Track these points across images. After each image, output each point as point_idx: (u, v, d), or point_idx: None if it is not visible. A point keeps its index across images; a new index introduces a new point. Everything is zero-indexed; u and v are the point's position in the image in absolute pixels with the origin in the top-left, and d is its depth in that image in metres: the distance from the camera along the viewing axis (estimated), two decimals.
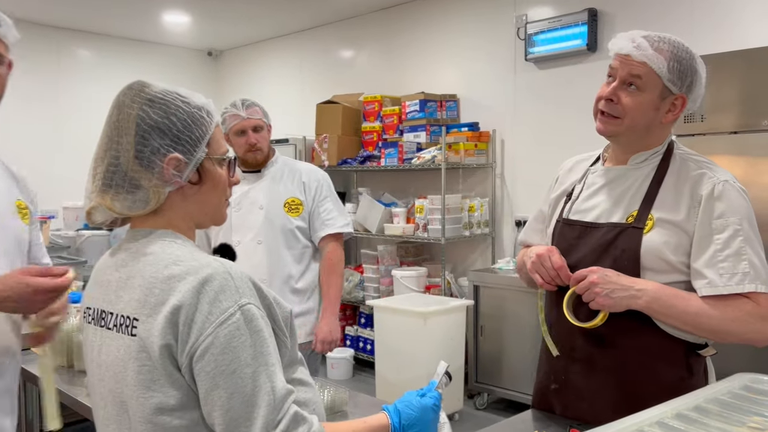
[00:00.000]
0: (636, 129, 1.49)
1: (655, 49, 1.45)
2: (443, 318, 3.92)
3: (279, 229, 2.47)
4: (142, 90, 1.07)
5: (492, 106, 4.72)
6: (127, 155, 1.04)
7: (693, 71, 1.48)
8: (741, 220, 1.42)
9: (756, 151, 2.83)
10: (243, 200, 2.50)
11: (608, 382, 1.50)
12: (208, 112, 1.10)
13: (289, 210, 2.50)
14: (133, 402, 1.00)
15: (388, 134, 4.98)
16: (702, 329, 1.42)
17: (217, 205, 1.15)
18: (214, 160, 1.11)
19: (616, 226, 1.51)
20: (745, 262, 1.39)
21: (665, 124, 1.51)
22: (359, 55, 5.73)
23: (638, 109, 1.46)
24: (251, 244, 2.46)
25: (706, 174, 1.47)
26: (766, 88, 2.81)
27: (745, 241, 1.41)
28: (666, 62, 1.44)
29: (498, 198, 4.71)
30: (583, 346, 1.53)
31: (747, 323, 1.39)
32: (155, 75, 6.63)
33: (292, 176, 2.56)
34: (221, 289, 0.97)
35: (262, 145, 2.50)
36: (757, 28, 3.45)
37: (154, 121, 1.04)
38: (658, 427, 1.10)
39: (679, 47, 1.47)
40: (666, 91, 1.46)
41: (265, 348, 0.98)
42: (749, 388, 1.26)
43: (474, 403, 4.26)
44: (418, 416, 1.16)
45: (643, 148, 1.53)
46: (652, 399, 1.38)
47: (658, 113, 1.48)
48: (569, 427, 1.48)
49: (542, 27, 4.28)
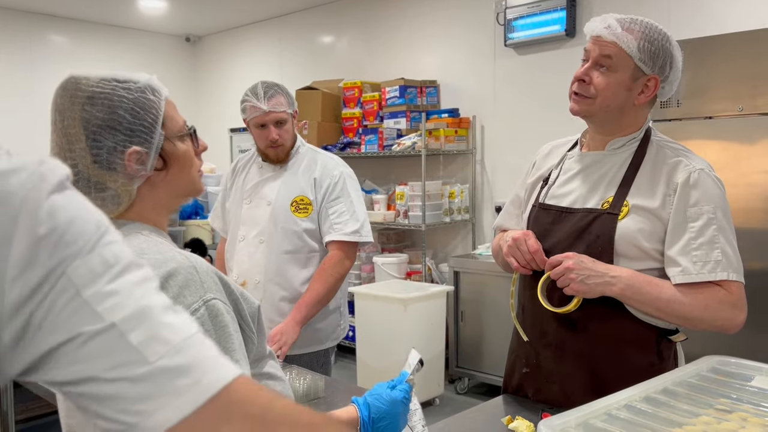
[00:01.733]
0: (608, 109, 1.49)
1: (625, 29, 1.45)
2: (424, 304, 3.93)
3: (283, 230, 2.25)
4: (77, 89, 1.00)
5: (472, 92, 4.71)
6: (85, 162, 0.99)
7: (666, 53, 1.48)
8: (715, 209, 1.43)
9: (731, 136, 2.86)
10: (254, 193, 2.33)
11: (579, 367, 1.52)
12: (153, 90, 1.03)
13: (296, 210, 2.26)
14: None
15: (368, 121, 4.96)
16: (674, 316, 1.44)
17: (190, 181, 1.11)
18: (174, 140, 1.06)
19: (591, 211, 1.51)
20: (718, 250, 1.41)
21: (638, 106, 1.51)
22: (339, 40, 5.68)
23: (609, 88, 1.47)
24: (254, 242, 2.28)
25: (683, 162, 1.47)
26: (741, 74, 2.83)
27: (718, 230, 1.42)
28: (636, 42, 1.44)
29: (478, 184, 4.72)
30: (555, 330, 1.54)
31: (718, 310, 1.41)
32: (132, 61, 6.55)
33: (308, 171, 2.30)
34: (186, 283, 0.95)
35: (285, 140, 2.27)
36: (734, 13, 3.47)
37: (102, 120, 0.98)
38: (626, 410, 1.12)
39: (651, 28, 1.47)
40: (638, 71, 1.46)
41: (230, 344, 0.96)
42: (717, 371, 1.28)
43: (455, 387, 4.30)
44: (388, 409, 1.15)
45: (618, 131, 1.53)
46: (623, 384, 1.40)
47: (630, 94, 1.48)
48: (541, 412, 1.49)
49: (521, 12, 4.27)
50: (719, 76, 2.90)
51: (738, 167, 2.83)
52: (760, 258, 2.77)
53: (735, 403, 1.15)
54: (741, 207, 2.83)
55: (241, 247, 2.32)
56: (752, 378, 1.24)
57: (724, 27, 3.28)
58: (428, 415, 1.30)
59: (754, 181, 2.79)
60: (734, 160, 2.84)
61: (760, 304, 2.77)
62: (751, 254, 2.81)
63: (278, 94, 2.27)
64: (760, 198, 2.78)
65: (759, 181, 2.78)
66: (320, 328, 2.31)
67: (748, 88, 2.81)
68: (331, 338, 2.37)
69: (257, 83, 2.31)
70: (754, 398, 1.16)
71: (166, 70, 6.69)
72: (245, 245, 2.30)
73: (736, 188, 2.84)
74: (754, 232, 2.80)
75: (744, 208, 2.82)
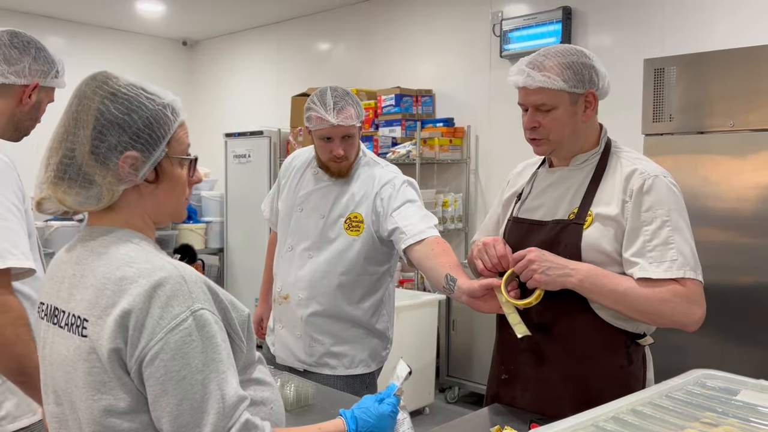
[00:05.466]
0: (563, 139, 1.59)
1: (544, 70, 1.54)
2: (415, 312, 3.94)
3: (334, 247, 2.11)
4: (105, 82, 1.03)
5: (467, 102, 4.73)
6: (83, 149, 1.01)
7: (586, 66, 1.57)
8: (669, 212, 1.50)
9: (723, 151, 2.88)
10: (307, 202, 2.18)
11: (553, 371, 1.58)
12: (174, 110, 1.06)
13: (348, 227, 2.11)
14: (82, 404, 0.99)
15: (364, 128, 4.96)
16: (632, 309, 1.49)
17: (175, 205, 1.11)
18: (173, 160, 1.07)
19: (558, 222, 1.60)
20: (673, 250, 1.47)
21: (587, 122, 1.60)
22: (336, 48, 5.70)
23: (558, 124, 1.57)
24: (303, 255, 2.15)
25: (638, 170, 1.55)
26: (734, 90, 2.86)
27: (673, 231, 1.49)
28: (558, 75, 1.54)
29: (472, 194, 4.74)
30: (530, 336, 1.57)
31: (675, 305, 1.47)
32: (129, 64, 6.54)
33: (365, 186, 2.13)
34: (174, 293, 0.95)
35: (350, 155, 2.10)
36: (727, 30, 3.51)
37: (114, 117, 1.01)
38: (614, 422, 1.12)
39: (564, 53, 1.57)
40: (573, 96, 1.56)
41: (217, 354, 0.96)
42: (703, 384, 1.29)
43: (445, 396, 4.29)
44: (375, 423, 1.15)
45: (579, 150, 1.63)
46: (595, 386, 1.51)
47: (576, 117, 1.58)
48: (530, 422, 1.50)
49: (517, 24, 4.31)
50: (712, 91, 2.92)
51: (729, 182, 2.85)
52: (752, 272, 2.79)
53: (721, 417, 1.16)
54: (732, 222, 2.85)
55: (288, 257, 2.20)
56: (738, 392, 1.25)
57: (717, 43, 3.32)
58: (418, 424, 1.30)
59: (745, 196, 2.82)
60: (726, 175, 2.86)
61: (752, 319, 2.79)
62: (743, 269, 2.83)
63: (349, 105, 2.05)
64: (751, 213, 2.81)
65: (750, 196, 2.81)
66: (365, 350, 2.19)
67: (741, 104, 2.84)
68: (374, 361, 2.23)
69: (326, 89, 2.07)
70: (740, 412, 1.17)
71: (162, 73, 6.69)
72: (291, 256, 2.18)
73: (727, 203, 2.86)
74: (745, 247, 2.82)
75: (735, 223, 2.84)
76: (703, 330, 2.94)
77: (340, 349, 2.15)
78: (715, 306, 2.88)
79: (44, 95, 1.66)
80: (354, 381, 2.17)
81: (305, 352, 2.17)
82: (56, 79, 1.68)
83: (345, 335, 2.16)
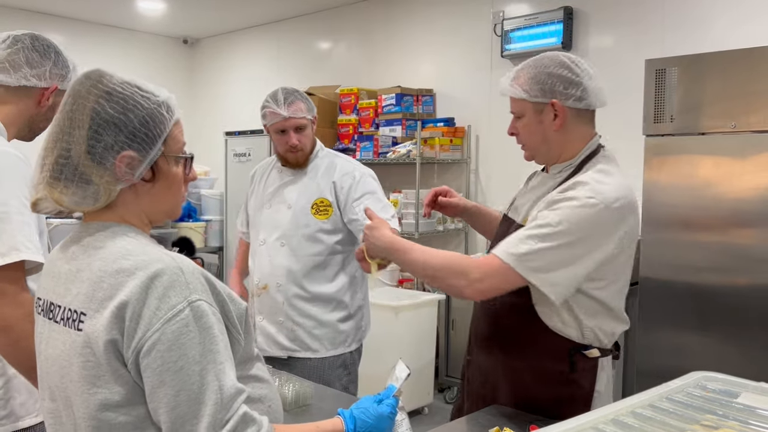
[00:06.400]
0: (536, 147, 1.67)
1: (515, 80, 1.64)
2: (415, 312, 3.93)
3: (304, 232, 2.29)
4: (99, 81, 1.03)
5: (468, 101, 4.73)
6: (79, 149, 1.00)
7: (551, 76, 1.59)
8: (560, 221, 1.47)
9: (724, 152, 2.88)
10: (275, 197, 2.38)
11: (501, 367, 1.68)
12: (169, 107, 1.06)
13: (316, 212, 2.30)
14: (77, 398, 0.98)
15: (364, 127, 4.97)
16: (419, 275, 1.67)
17: (172, 203, 1.12)
18: (169, 159, 1.08)
19: (516, 225, 1.68)
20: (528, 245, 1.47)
21: (558, 131, 1.62)
22: (337, 47, 5.70)
23: (525, 131, 1.66)
24: (275, 245, 2.32)
25: (581, 182, 1.53)
26: (735, 91, 2.85)
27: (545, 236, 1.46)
28: (523, 85, 1.61)
29: (472, 193, 4.73)
30: (483, 332, 1.75)
31: (449, 275, 1.54)
32: (129, 62, 6.54)
33: (327, 174, 2.35)
34: (171, 284, 0.95)
35: (305, 145, 2.32)
36: (728, 31, 3.50)
37: (110, 116, 1.00)
38: (613, 424, 1.12)
39: (536, 63, 1.62)
40: (538, 105, 1.61)
41: (215, 345, 0.96)
42: (703, 387, 1.29)
43: (444, 396, 4.29)
44: (374, 424, 1.15)
45: (556, 160, 1.67)
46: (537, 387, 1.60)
47: (543, 126, 1.62)
48: (529, 424, 1.50)
49: (519, 24, 4.30)
50: (713, 92, 2.92)
51: (730, 183, 2.85)
52: (752, 273, 2.79)
53: (721, 420, 1.15)
54: (733, 223, 2.84)
55: (261, 251, 2.35)
56: (739, 394, 1.25)
57: (718, 44, 3.31)
58: (417, 424, 1.30)
59: (746, 198, 2.81)
60: (726, 176, 2.86)
61: (752, 320, 2.78)
62: (743, 270, 2.82)
63: (298, 100, 2.30)
64: (752, 214, 2.80)
65: (751, 197, 2.80)
66: (343, 330, 2.36)
67: (742, 105, 2.83)
68: (355, 340, 2.41)
69: (277, 89, 2.34)
70: (741, 415, 1.17)
71: (162, 71, 6.69)
72: (266, 249, 2.33)
73: (728, 204, 2.85)
74: (746, 248, 2.81)
75: (736, 224, 2.84)
76: (703, 331, 2.96)
77: (321, 331, 2.32)
78: (716, 308, 2.90)
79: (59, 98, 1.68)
80: (336, 361, 2.34)
81: (287, 337, 2.31)
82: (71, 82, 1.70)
83: (325, 318, 2.32)
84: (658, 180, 3.04)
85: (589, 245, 1.48)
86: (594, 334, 1.59)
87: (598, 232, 1.48)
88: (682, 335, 2.99)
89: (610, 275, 1.56)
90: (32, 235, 1.45)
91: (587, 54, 4.10)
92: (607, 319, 1.60)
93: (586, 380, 1.59)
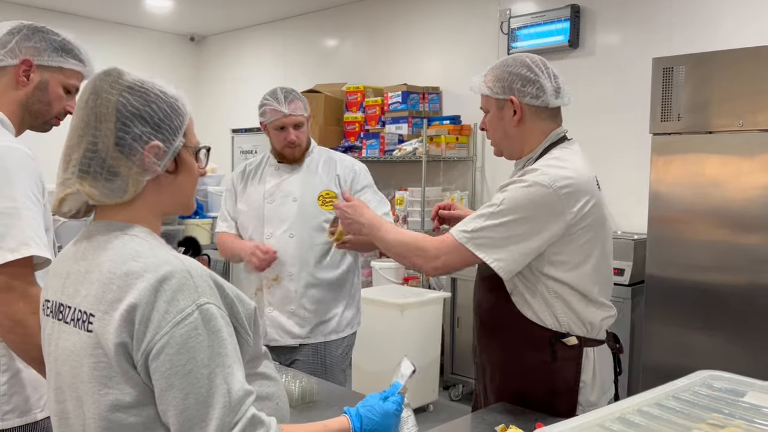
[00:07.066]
0: (499, 141, 1.78)
1: (484, 77, 1.75)
2: (420, 310, 3.94)
3: (312, 223, 2.40)
4: (120, 77, 1.06)
5: (474, 99, 4.67)
6: (107, 141, 1.02)
7: (510, 74, 1.68)
8: (507, 204, 1.57)
9: (731, 151, 2.87)
10: (276, 192, 2.45)
11: (491, 360, 1.76)
12: (183, 103, 1.10)
13: (323, 203, 2.42)
14: (88, 398, 0.99)
15: (370, 125, 4.97)
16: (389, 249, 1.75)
17: (189, 195, 1.15)
18: (190, 150, 1.11)
19: None
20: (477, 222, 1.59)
21: (517, 127, 1.72)
22: (343, 44, 5.70)
23: (490, 126, 1.77)
24: (283, 237, 2.39)
25: (528, 172, 1.62)
26: (742, 90, 2.85)
27: (492, 214, 1.57)
28: (487, 83, 1.72)
29: (478, 191, 4.73)
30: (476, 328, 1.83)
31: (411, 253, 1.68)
32: (136, 59, 6.53)
33: (328, 168, 2.48)
34: (179, 287, 0.96)
35: (302, 141, 2.43)
36: (736, 29, 3.49)
37: (136, 108, 1.03)
38: (620, 422, 1.12)
39: (501, 64, 1.72)
40: (500, 101, 1.71)
41: (223, 348, 0.97)
42: (709, 386, 1.29)
43: (449, 394, 4.30)
44: (380, 421, 1.16)
45: (519, 154, 1.77)
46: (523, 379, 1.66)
47: (504, 122, 1.73)
48: (535, 422, 1.50)
49: (525, 22, 4.29)
50: (720, 91, 2.91)
51: (738, 182, 2.84)
52: (760, 272, 2.78)
53: (727, 419, 1.15)
54: (740, 222, 2.84)
55: (270, 244, 2.39)
56: (745, 393, 1.25)
57: (726, 43, 3.30)
58: (422, 421, 1.30)
59: (753, 196, 2.81)
60: (734, 175, 2.85)
61: (759, 319, 2.78)
62: (750, 269, 2.82)
63: (296, 99, 2.43)
64: (759, 213, 2.80)
65: (758, 196, 2.79)
66: (348, 314, 2.50)
67: (749, 104, 2.82)
68: (356, 321, 2.57)
69: (276, 88, 2.45)
70: (747, 414, 1.17)
71: (169, 68, 6.70)
72: (275, 242, 2.39)
73: (735, 203, 2.85)
74: (753, 247, 2.81)
75: (743, 223, 2.83)
76: (709, 330, 2.95)
77: (329, 315, 2.44)
78: (722, 306, 2.89)
79: (50, 76, 1.61)
80: (342, 343, 2.49)
81: (298, 325, 2.39)
82: (61, 59, 1.63)
83: (332, 303, 2.45)
84: (665, 178, 3.04)
85: (535, 224, 1.56)
86: (570, 321, 1.62)
87: (544, 212, 1.56)
88: (689, 334, 2.99)
89: (574, 257, 1.60)
90: (40, 230, 1.45)
91: (594, 52, 4.09)
92: (582, 305, 1.62)
93: (569, 370, 1.62)
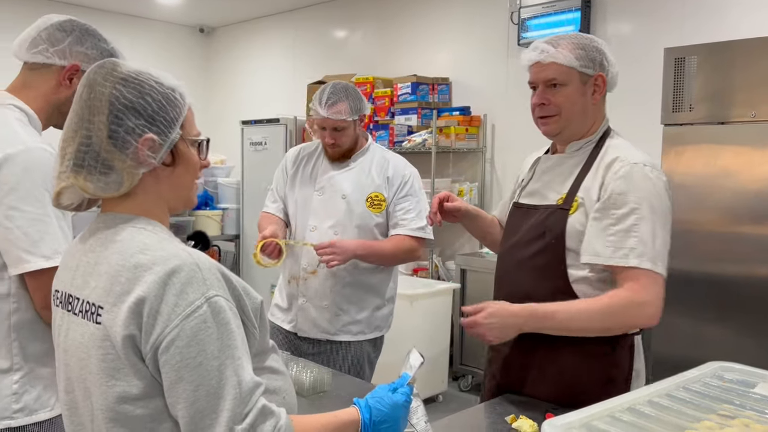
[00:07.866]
0: (574, 118, 1.64)
1: (557, 47, 1.60)
2: (430, 301, 3.95)
3: (358, 224, 2.35)
4: (114, 69, 1.04)
5: (484, 90, 4.71)
6: (100, 135, 1.01)
7: (598, 51, 1.62)
8: (640, 200, 1.50)
9: (744, 142, 2.85)
10: (327, 185, 2.40)
11: (537, 352, 1.62)
12: (181, 93, 1.08)
13: (371, 205, 2.37)
14: (96, 390, 1.00)
15: (379, 116, 4.96)
16: (585, 330, 1.52)
17: (189, 188, 1.13)
18: (187, 142, 1.09)
19: (548, 207, 1.65)
20: (635, 238, 1.48)
21: (596, 105, 1.65)
22: (352, 35, 5.69)
23: (569, 100, 1.62)
24: (328, 233, 2.35)
25: (619, 157, 1.57)
26: (755, 80, 2.82)
27: (640, 220, 1.49)
28: (571, 53, 1.59)
29: (488, 183, 4.72)
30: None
31: (625, 315, 1.49)
32: (145, 51, 6.55)
33: (380, 169, 2.42)
34: (188, 280, 0.96)
35: (342, 143, 2.36)
36: (748, 19, 3.45)
37: (129, 101, 1.02)
38: (630, 413, 1.13)
39: (577, 37, 1.63)
40: (584, 76, 1.61)
41: (233, 341, 0.97)
42: (720, 377, 1.29)
43: (458, 385, 4.31)
44: (389, 413, 1.16)
45: (581, 135, 1.66)
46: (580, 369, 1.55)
47: (585, 97, 1.63)
48: (545, 412, 1.51)
49: (536, 12, 4.27)
50: (733, 81, 2.88)
51: (750, 173, 2.82)
52: None
53: (738, 409, 1.15)
54: (752, 213, 2.82)
55: (312, 237, 2.37)
56: (756, 384, 1.25)
57: (738, 33, 3.26)
58: (431, 412, 1.31)
59: (765, 187, 2.78)
60: (747, 165, 2.83)
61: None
62: (762, 260, 2.80)
63: (341, 101, 2.30)
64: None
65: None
66: (380, 316, 2.44)
67: (762, 94, 2.80)
68: (386, 325, 2.51)
69: (327, 86, 2.34)
70: (758, 405, 1.17)
71: (179, 60, 6.72)
72: (318, 235, 2.35)
73: (748, 194, 2.83)
74: (764, 239, 2.79)
75: (755, 214, 2.81)
76: (721, 321, 2.94)
77: (361, 316, 2.38)
78: (733, 298, 2.88)
79: None
80: (369, 344, 2.43)
81: (329, 321, 2.36)
82: None
83: (365, 304, 2.39)
84: (677, 169, 3.02)
85: (668, 215, 1.54)
86: None
87: (667, 200, 1.55)
88: (700, 325, 2.98)
89: None
90: (69, 236, 1.48)
91: (605, 42, 4.06)
92: None
93: (625, 359, 1.59)
